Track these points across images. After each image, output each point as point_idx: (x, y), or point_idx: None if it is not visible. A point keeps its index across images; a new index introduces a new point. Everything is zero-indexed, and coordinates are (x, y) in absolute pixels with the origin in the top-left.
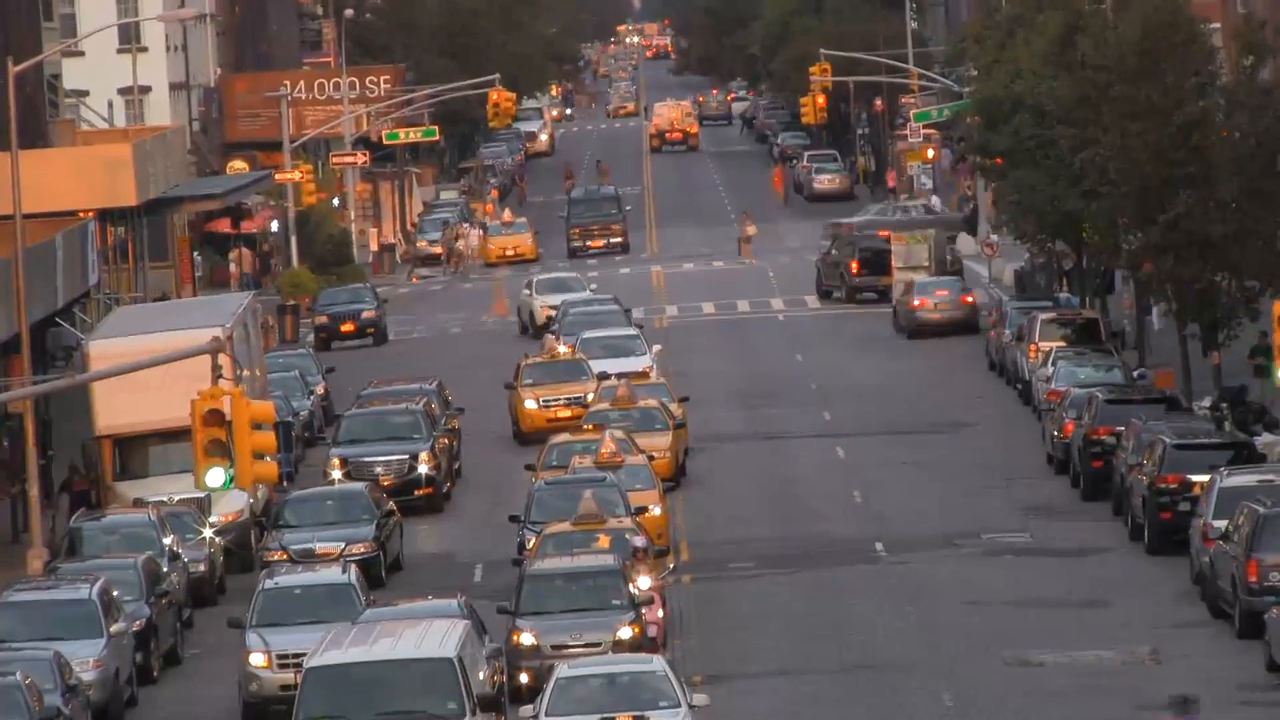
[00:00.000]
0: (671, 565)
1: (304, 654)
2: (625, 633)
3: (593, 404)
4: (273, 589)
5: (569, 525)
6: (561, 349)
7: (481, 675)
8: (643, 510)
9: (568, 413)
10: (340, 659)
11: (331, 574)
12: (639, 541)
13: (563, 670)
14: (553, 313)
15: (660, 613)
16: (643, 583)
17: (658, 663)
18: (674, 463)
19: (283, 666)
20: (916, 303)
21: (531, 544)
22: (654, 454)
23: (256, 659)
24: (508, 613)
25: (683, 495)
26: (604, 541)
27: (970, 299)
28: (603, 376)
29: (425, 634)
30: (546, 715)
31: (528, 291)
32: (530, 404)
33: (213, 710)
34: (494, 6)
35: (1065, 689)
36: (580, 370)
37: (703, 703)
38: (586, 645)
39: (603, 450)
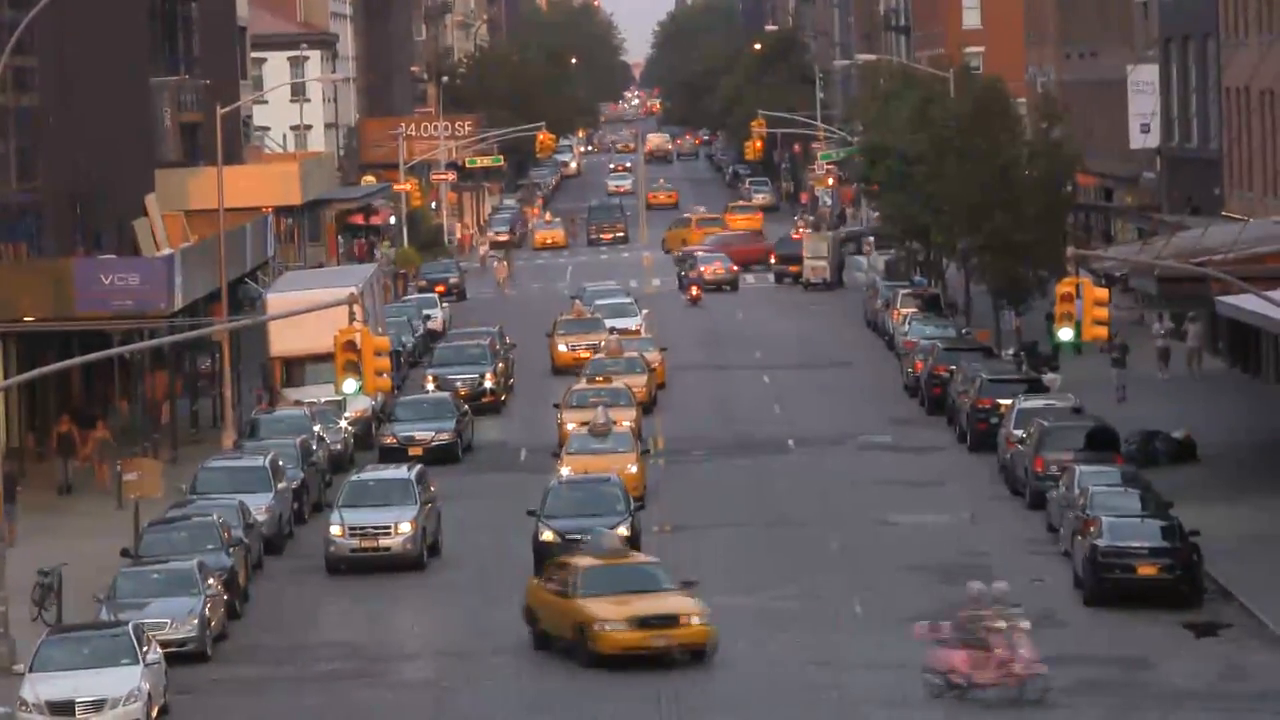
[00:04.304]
0: (648, 449)
1: (366, 528)
2: (621, 530)
3: (591, 356)
4: (356, 481)
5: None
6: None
7: None
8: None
9: (587, 354)
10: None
11: (399, 472)
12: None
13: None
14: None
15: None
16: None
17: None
18: (649, 392)
19: (352, 535)
20: (703, 269)
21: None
22: (634, 387)
23: (334, 529)
24: (534, 515)
25: (660, 409)
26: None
27: (734, 269)
28: (609, 331)
29: None
30: None
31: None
32: (562, 347)
33: None
34: (543, 74)
35: (912, 538)
36: (597, 325)
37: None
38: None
39: (610, 349)
